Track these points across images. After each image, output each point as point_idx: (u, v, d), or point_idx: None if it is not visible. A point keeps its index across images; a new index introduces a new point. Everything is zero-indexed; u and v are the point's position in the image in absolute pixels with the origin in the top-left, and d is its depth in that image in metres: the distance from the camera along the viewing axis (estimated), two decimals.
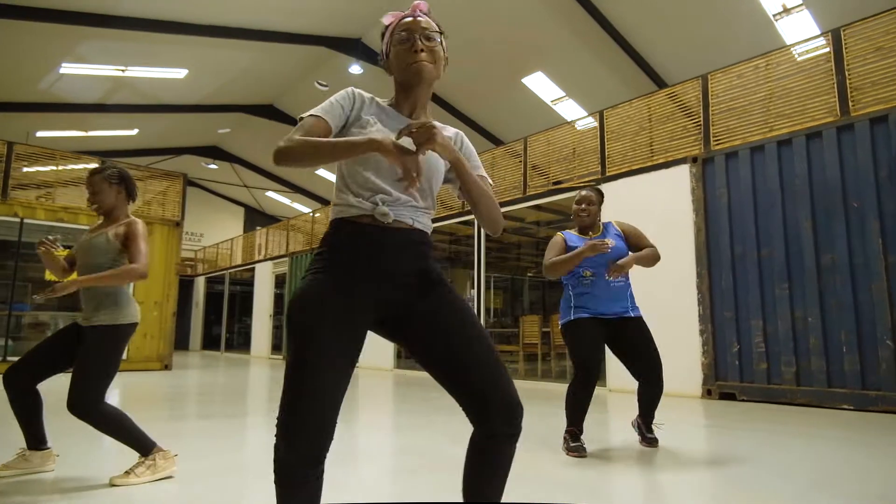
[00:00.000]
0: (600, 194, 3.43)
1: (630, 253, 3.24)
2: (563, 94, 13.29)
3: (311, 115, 1.35)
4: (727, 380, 5.66)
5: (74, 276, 2.67)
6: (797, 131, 5.43)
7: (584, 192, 3.36)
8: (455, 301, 1.39)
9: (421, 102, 1.48)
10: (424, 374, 7.68)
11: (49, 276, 8.58)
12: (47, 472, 2.59)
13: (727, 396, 5.63)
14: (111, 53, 11.87)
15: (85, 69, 12.22)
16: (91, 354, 2.48)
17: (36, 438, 2.61)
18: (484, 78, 13.16)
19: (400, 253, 1.35)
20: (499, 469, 1.35)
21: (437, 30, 1.49)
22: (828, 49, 5.35)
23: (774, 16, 9.36)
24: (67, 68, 11.97)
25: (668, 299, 6.13)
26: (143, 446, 2.51)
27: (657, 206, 6.38)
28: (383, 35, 1.52)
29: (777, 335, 5.34)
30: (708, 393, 5.74)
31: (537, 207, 8.46)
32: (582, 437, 3.11)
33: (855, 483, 2.50)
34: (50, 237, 2.66)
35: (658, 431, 3.39)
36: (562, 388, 6.61)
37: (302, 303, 1.26)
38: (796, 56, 5.74)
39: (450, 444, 3.40)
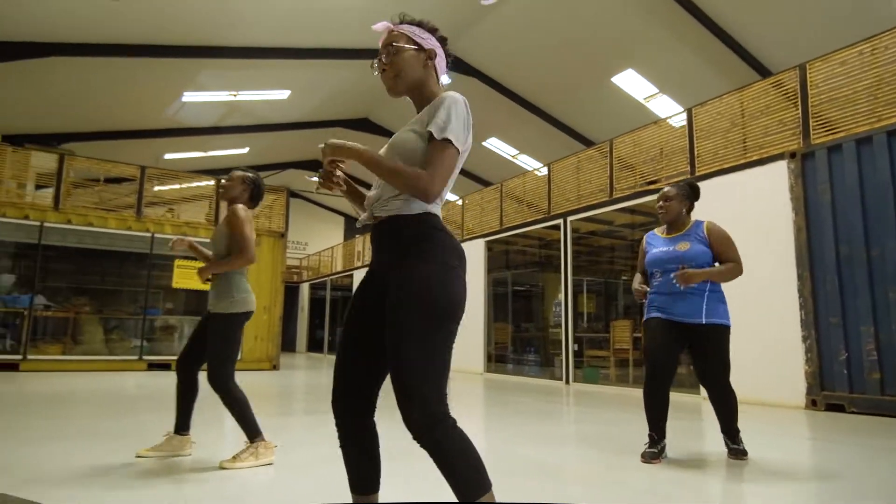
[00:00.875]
0: (687, 188, 3.32)
1: (713, 258, 3.16)
2: (657, 90, 12.86)
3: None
4: (834, 390, 5.27)
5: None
6: None
7: (664, 189, 3.35)
8: (395, 289, 1.42)
9: (415, 104, 1.63)
10: (511, 378, 7.87)
11: (176, 284, 9.64)
12: (184, 456, 3.01)
13: (834, 408, 5.24)
14: (225, 80, 13.08)
15: (203, 96, 13.55)
16: (210, 339, 2.90)
17: (183, 423, 3.05)
18: (572, 79, 13.05)
19: (380, 240, 1.52)
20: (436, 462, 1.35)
21: (391, 42, 1.59)
22: None
23: None
24: (189, 96, 13.33)
25: (766, 304, 5.82)
26: (252, 432, 2.88)
27: (752, 205, 6.06)
28: None
29: (891, 342, 4.91)
30: (813, 403, 5.37)
31: (630, 211, 8.28)
32: (662, 443, 3.08)
33: None
34: (174, 239, 3.14)
35: (751, 443, 3.25)
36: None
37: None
38: None
39: (513, 443, 3.50)
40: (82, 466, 2.68)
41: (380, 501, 1.53)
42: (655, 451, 3.01)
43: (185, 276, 9.55)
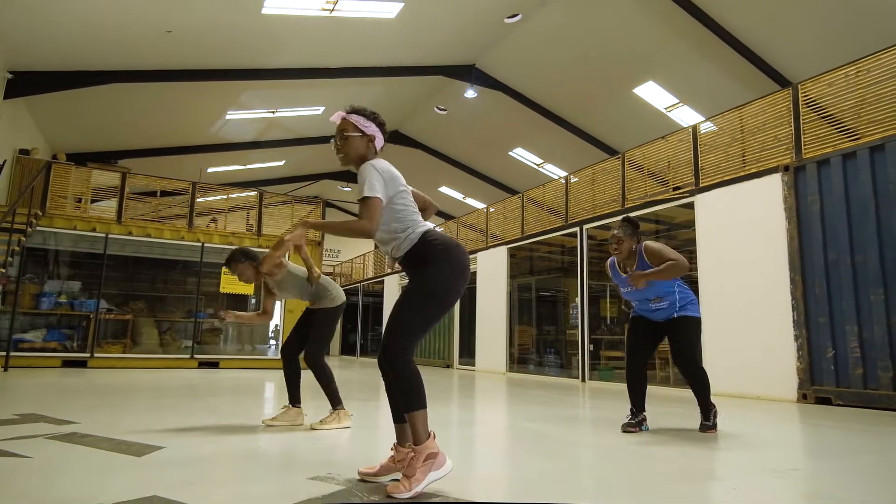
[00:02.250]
0: (630, 227, 3.75)
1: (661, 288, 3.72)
2: (677, 101, 13.27)
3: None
4: (822, 384, 5.73)
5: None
6: (889, 136, 5.42)
7: (613, 232, 3.79)
8: (409, 285, 2.22)
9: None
10: (532, 377, 8.48)
11: (223, 288, 10.53)
12: (299, 425, 3.73)
13: (823, 401, 5.71)
14: (264, 100, 14.03)
15: (244, 114, 14.54)
16: (316, 326, 3.78)
17: (294, 398, 3.84)
18: (594, 91, 13.58)
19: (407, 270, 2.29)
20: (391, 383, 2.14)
21: (342, 129, 2.36)
22: None
23: None
24: (232, 115, 14.33)
25: (762, 305, 6.31)
26: (335, 401, 3.71)
27: (750, 214, 6.56)
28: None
29: (873, 340, 5.36)
30: (803, 397, 5.84)
31: (641, 219, 8.80)
32: (640, 416, 3.68)
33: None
34: (221, 315, 3.87)
35: (733, 425, 3.82)
36: (666, 392, 6.96)
37: None
38: None
39: (525, 421, 4.13)
40: (174, 428, 3.41)
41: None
42: (633, 422, 3.63)
43: (232, 282, 10.42)
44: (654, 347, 3.86)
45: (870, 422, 4.50)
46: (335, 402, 3.71)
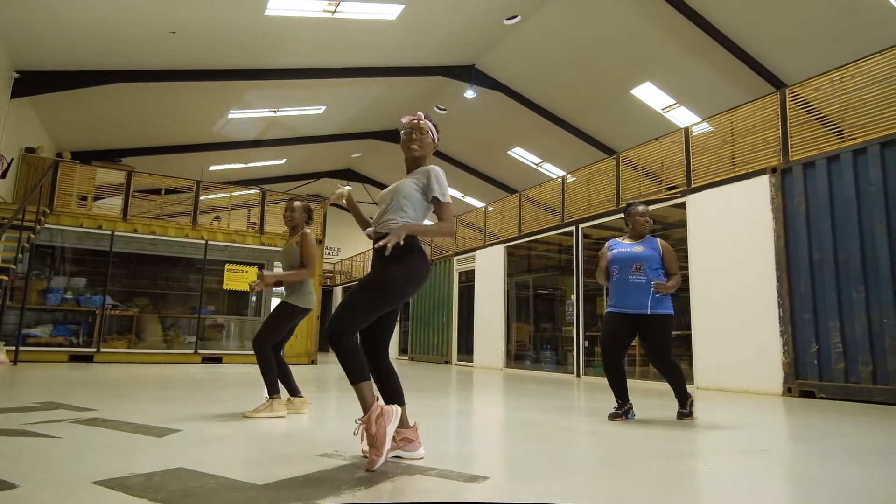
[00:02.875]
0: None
1: (660, 264, 4.00)
2: (674, 101, 13.47)
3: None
4: (807, 378, 5.96)
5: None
6: (871, 140, 5.64)
7: (647, 209, 4.19)
8: (371, 275, 2.43)
9: (410, 165, 2.66)
10: (528, 372, 8.72)
11: (226, 285, 10.73)
12: (305, 413, 3.92)
13: (807, 394, 5.93)
14: (266, 99, 14.22)
15: (247, 113, 14.73)
16: (271, 316, 3.88)
17: (292, 389, 4.00)
18: (593, 92, 13.78)
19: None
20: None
21: (421, 128, 2.62)
22: None
23: None
24: (234, 114, 14.53)
25: (749, 303, 6.53)
26: (271, 390, 3.76)
27: (739, 214, 6.78)
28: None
29: (854, 336, 5.59)
30: (788, 391, 6.07)
31: None
32: (626, 406, 3.91)
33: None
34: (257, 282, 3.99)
35: (726, 414, 4.03)
36: (658, 386, 7.17)
37: None
38: None
39: (519, 412, 4.34)
40: (187, 415, 3.62)
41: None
42: (619, 412, 3.85)
43: (235, 279, 10.63)
44: (628, 345, 4.07)
45: (848, 412, 4.72)
46: (271, 390, 3.77)
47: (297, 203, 4.16)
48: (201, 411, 3.90)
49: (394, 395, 2.46)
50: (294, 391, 4.00)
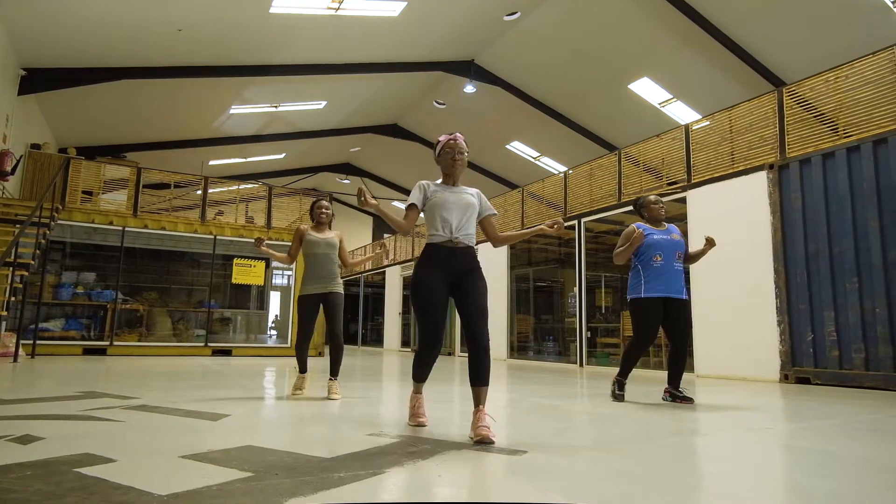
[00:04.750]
0: None
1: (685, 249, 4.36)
2: (671, 96, 13.70)
3: (407, 204, 2.95)
4: (802, 366, 6.26)
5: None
6: (864, 138, 5.91)
7: (661, 199, 4.52)
8: (476, 281, 2.88)
9: (455, 179, 3.05)
10: (531, 363, 8.96)
11: (235, 279, 10.92)
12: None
13: (803, 381, 6.23)
14: (267, 95, 14.37)
15: (248, 109, 14.87)
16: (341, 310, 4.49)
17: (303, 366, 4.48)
18: (591, 87, 14.00)
19: (460, 257, 2.87)
20: (482, 366, 2.77)
21: (465, 150, 3.02)
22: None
23: (894, 2, 9.24)
24: (235, 109, 14.66)
25: (747, 293, 6.81)
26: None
27: (738, 209, 7.05)
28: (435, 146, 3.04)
29: (848, 325, 5.88)
30: (785, 378, 6.36)
31: (632, 213, 9.28)
32: (626, 387, 4.22)
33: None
34: (260, 238, 4.44)
35: (729, 398, 4.32)
36: (658, 375, 7.45)
37: (418, 280, 2.86)
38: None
39: (531, 396, 4.60)
40: (226, 399, 3.85)
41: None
42: (623, 393, 4.15)
43: (243, 273, 10.83)
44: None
45: (841, 396, 5.01)
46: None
47: (326, 202, 4.58)
48: (239, 397, 4.13)
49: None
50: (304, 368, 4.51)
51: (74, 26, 9.86)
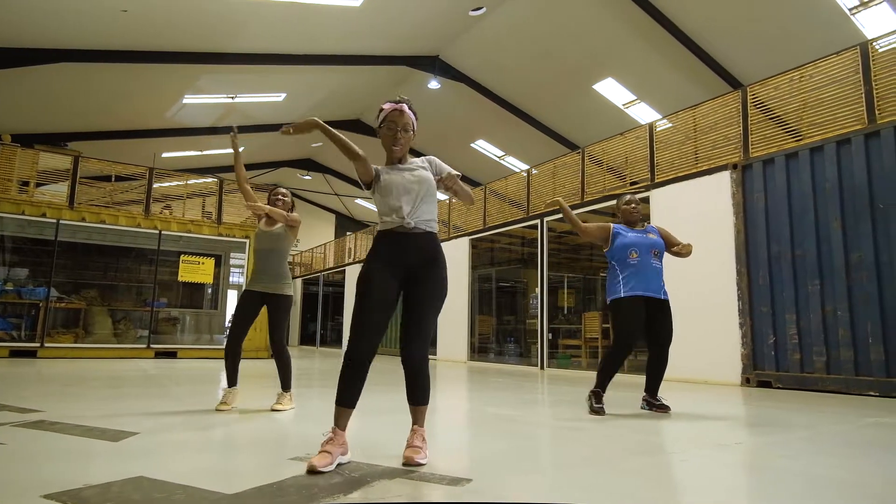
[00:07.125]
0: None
1: (664, 248, 4.15)
2: (635, 97, 13.66)
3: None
4: (764, 369, 6.14)
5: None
6: (828, 139, 5.82)
7: (636, 198, 4.33)
8: (429, 280, 2.41)
9: (400, 157, 2.53)
10: (492, 365, 8.66)
11: (181, 277, 10.32)
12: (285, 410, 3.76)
13: (764, 384, 6.11)
14: (224, 84, 13.73)
15: (202, 99, 14.19)
16: (284, 315, 4.14)
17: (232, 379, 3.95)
18: (556, 87, 13.84)
19: (415, 242, 2.39)
20: (415, 384, 2.43)
21: (407, 124, 2.47)
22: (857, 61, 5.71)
23: (851, 10, 9.35)
24: (189, 99, 13.96)
25: (710, 295, 6.67)
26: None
27: (701, 209, 6.91)
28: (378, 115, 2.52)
29: (809, 328, 5.77)
30: (747, 381, 6.23)
31: (599, 212, 9.10)
32: (603, 399, 3.90)
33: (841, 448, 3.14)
34: (236, 127, 4.12)
35: (694, 406, 4.08)
36: (625, 378, 7.26)
37: (360, 275, 2.41)
38: (879, 49, 5.80)
39: (486, 406, 4.30)
40: (142, 413, 3.42)
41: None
42: (602, 405, 3.84)
43: (191, 271, 10.24)
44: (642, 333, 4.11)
45: (805, 402, 4.87)
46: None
47: (283, 189, 4.29)
48: (158, 411, 3.69)
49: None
50: (233, 382, 3.95)
51: (8, 2, 9.11)
